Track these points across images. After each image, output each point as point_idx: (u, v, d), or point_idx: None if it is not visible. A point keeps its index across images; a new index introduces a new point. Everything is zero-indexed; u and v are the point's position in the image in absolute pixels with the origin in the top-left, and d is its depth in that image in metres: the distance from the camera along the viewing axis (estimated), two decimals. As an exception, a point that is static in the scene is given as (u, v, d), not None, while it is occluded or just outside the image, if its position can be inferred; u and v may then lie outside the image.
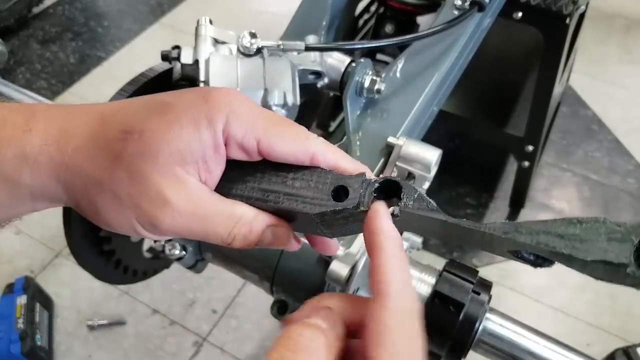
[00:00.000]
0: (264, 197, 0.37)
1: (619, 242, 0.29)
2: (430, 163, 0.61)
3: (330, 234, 0.39)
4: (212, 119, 0.34)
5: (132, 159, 0.33)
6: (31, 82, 2.08)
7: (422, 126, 0.76)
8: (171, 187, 0.33)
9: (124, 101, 0.37)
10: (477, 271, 0.59)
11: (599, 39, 2.25)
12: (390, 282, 0.31)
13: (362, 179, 0.35)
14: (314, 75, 0.66)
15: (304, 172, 0.37)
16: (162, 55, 0.63)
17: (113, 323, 1.42)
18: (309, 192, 0.36)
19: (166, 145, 0.33)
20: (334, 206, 0.35)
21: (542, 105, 1.42)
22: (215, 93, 0.35)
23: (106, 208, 0.34)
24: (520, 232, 0.32)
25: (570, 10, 1.20)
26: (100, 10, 2.45)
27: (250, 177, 0.37)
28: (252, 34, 0.61)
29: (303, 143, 0.36)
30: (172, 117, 0.34)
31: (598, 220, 0.30)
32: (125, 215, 0.34)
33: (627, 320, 1.45)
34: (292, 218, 0.37)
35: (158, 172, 0.33)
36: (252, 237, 0.36)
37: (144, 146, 0.33)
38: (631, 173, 1.79)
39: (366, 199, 0.35)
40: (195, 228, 0.35)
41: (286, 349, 0.31)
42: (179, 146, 0.33)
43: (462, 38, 0.79)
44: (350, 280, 0.51)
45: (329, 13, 0.84)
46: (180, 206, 0.34)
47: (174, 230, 0.35)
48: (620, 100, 2.02)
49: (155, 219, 0.34)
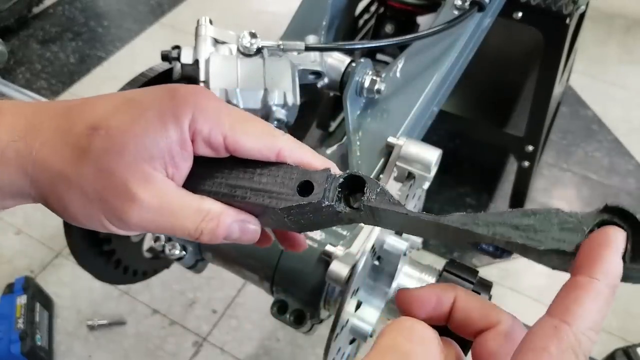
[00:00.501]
0: (231, 192, 0.37)
1: (571, 232, 0.30)
2: (430, 163, 0.61)
3: (298, 229, 0.39)
4: (179, 115, 0.34)
5: (99, 155, 0.33)
6: (31, 82, 2.08)
7: (422, 126, 0.76)
8: (138, 183, 0.33)
9: (92, 97, 0.37)
10: (477, 271, 0.59)
11: (599, 39, 2.25)
12: (581, 313, 0.27)
13: (327, 174, 0.36)
14: (314, 75, 0.66)
15: (271, 167, 0.37)
16: (162, 55, 0.63)
17: (113, 323, 1.42)
18: (275, 187, 0.36)
19: (133, 141, 0.33)
20: (299, 200, 0.35)
21: (542, 105, 1.42)
22: (182, 90, 0.36)
23: (74, 203, 0.34)
24: (477, 224, 0.32)
25: (570, 10, 1.20)
26: (100, 10, 2.45)
27: (218, 173, 0.38)
28: (252, 34, 0.61)
29: (269, 139, 0.37)
30: (139, 113, 0.34)
31: (551, 211, 0.31)
32: (92, 210, 0.34)
33: (627, 320, 1.45)
34: (259, 213, 0.38)
35: (125, 167, 0.33)
36: (219, 231, 0.36)
37: (111, 142, 0.33)
38: (631, 173, 1.79)
39: (331, 193, 0.35)
40: (162, 222, 0.35)
41: (401, 335, 0.30)
42: (146, 142, 0.33)
43: (462, 38, 0.79)
44: (350, 280, 0.51)
45: (329, 13, 0.84)
46: (147, 201, 0.34)
47: (142, 225, 0.35)
48: (621, 100, 2.02)
49: (123, 214, 0.34)
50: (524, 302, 1.47)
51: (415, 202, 0.68)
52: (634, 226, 0.29)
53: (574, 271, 0.28)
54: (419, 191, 0.66)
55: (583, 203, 1.71)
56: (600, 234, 0.28)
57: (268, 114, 0.59)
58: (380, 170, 0.66)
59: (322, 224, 0.38)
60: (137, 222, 0.34)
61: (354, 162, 0.66)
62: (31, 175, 0.34)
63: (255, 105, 0.58)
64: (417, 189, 0.64)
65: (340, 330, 0.53)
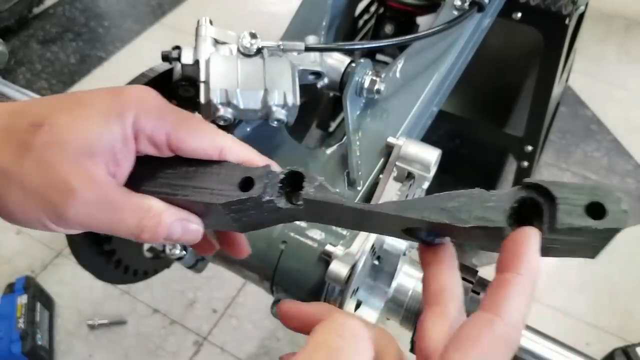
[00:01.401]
0: (173, 191, 0.37)
1: (494, 210, 0.32)
2: (430, 163, 0.61)
3: (241, 228, 0.40)
4: (122, 113, 0.35)
5: (41, 150, 0.33)
6: (32, 83, 2.08)
7: (422, 126, 0.76)
8: (78, 177, 0.33)
9: (37, 98, 0.37)
10: (476, 271, 0.60)
11: (599, 39, 2.26)
12: (511, 307, 0.30)
13: (267, 171, 0.37)
14: (314, 76, 0.66)
15: (213, 166, 0.38)
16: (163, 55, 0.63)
17: (113, 322, 1.43)
18: (217, 184, 0.37)
19: (75, 137, 0.33)
20: (240, 196, 0.36)
21: (541, 105, 1.43)
22: (126, 90, 0.36)
23: (13, 199, 0.34)
24: (408, 209, 0.34)
25: (569, 11, 1.20)
26: (101, 10, 2.45)
27: (161, 172, 0.38)
28: (252, 34, 0.61)
29: (212, 138, 0.37)
30: (83, 111, 0.34)
31: (474, 192, 0.33)
32: (31, 206, 0.34)
33: (626, 320, 1.45)
34: (202, 212, 0.38)
35: (66, 162, 0.33)
36: (161, 229, 0.36)
37: (53, 137, 0.33)
38: (630, 173, 1.79)
39: (270, 189, 0.36)
40: (102, 219, 0.35)
41: (332, 332, 0.31)
42: (88, 138, 0.34)
43: (462, 38, 0.79)
44: (350, 280, 0.52)
45: (329, 13, 0.84)
46: (86, 196, 0.33)
47: (81, 221, 0.34)
48: (620, 100, 2.03)
49: (61, 210, 0.33)
50: (523, 301, 1.48)
51: (415, 201, 0.68)
52: (549, 199, 0.31)
53: (500, 268, 0.31)
54: (419, 191, 0.66)
55: (582, 203, 1.71)
56: (520, 234, 0.30)
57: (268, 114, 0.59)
58: (380, 170, 0.66)
59: (266, 222, 0.38)
60: (76, 218, 0.34)
61: (353, 162, 0.66)
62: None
63: (256, 105, 0.58)
64: (417, 188, 0.64)
65: (340, 330, 0.54)
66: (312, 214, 0.38)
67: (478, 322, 0.30)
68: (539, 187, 0.31)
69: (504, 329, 0.29)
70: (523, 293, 0.30)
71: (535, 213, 0.31)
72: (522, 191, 0.32)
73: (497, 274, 0.31)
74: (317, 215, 0.38)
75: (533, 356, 0.58)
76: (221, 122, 0.58)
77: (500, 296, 0.30)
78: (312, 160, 0.70)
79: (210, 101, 0.57)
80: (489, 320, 0.29)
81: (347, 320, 0.32)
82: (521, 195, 0.32)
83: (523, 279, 0.30)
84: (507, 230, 0.31)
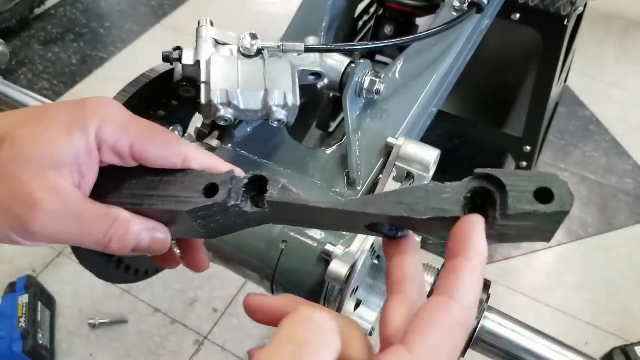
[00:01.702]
0: (139, 201, 0.38)
1: (448, 201, 0.33)
2: (429, 163, 0.62)
3: (209, 235, 0.40)
4: (85, 124, 0.35)
5: (4, 164, 0.33)
6: (33, 83, 2.09)
7: (421, 127, 0.77)
8: (42, 189, 0.33)
9: (3, 112, 0.37)
10: (475, 270, 0.60)
11: (597, 39, 2.26)
12: (463, 290, 0.31)
13: (230, 176, 0.37)
14: (314, 76, 0.66)
15: (178, 174, 0.38)
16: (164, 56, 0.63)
17: (115, 322, 1.43)
18: (182, 192, 0.37)
19: (39, 149, 0.34)
20: (205, 202, 0.36)
21: (540, 106, 1.43)
22: (89, 101, 0.36)
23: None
24: (368, 205, 0.35)
25: (568, 12, 1.21)
26: (102, 11, 2.45)
27: (126, 183, 0.39)
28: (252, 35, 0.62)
29: (175, 147, 0.38)
30: (46, 124, 0.35)
31: (429, 185, 0.34)
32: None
33: (625, 319, 1.45)
34: (169, 221, 0.39)
35: (30, 174, 0.33)
36: (129, 238, 0.37)
37: (17, 150, 0.34)
38: (629, 173, 1.80)
39: (235, 194, 0.37)
40: (69, 230, 0.35)
41: (298, 325, 0.31)
42: (52, 150, 0.34)
43: (461, 39, 0.80)
44: (349, 280, 0.52)
45: (328, 14, 0.84)
46: (52, 207, 0.34)
47: (47, 233, 0.34)
48: (618, 100, 2.03)
49: (27, 222, 0.33)
50: (522, 301, 1.48)
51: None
52: (500, 187, 0.32)
53: (450, 255, 0.33)
54: (418, 191, 0.67)
55: (581, 203, 1.72)
56: (465, 222, 0.32)
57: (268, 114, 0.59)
58: (379, 170, 0.67)
59: (234, 226, 0.39)
60: (42, 230, 0.34)
61: (353, 162, 0.67)
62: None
63: (256, 105, 0.59)
64: (416, 188, 0.65)
65: (340, 328, 0.54)
66: (278, 217, 0.38)
67: (434, 305, 0.31)
68: (491, 176, 0.33)
69: (458, 311, 0.31)
70: (473, 277, 0.32)
71: (488, 201, 0.33)
72: (475, 181, 0.34)
73: (447, 260, 0.33)
74: (283, 218, 0.39)
75: (533, 355, 0.58)
76: (222, 122, 0.58)
77: (453, 281, 0.31)
78: (312, 160, 0.70)
79: (210, 101, 0.57)
80: (443, 304, 0.31)
81: (314, 312, 0.32)
82: (473, 186, 0.34)
83: (472, 264, 0.32)
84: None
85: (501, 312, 0.60)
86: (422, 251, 1.57)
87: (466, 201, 0.33)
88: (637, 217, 1.68)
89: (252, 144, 0.71)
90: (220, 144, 0.72)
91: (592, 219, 1.67)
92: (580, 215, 1.68)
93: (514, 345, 0.58)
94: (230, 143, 0.71)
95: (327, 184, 0.67)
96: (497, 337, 0.58)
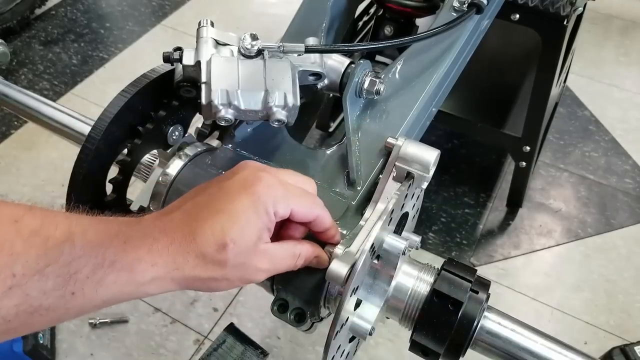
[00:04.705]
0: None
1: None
2: (429, 163, 0.62)
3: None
4: (266, 208, 0.50)
5: (236, 259, 0.49)
6: (34, 83, 2.09)
7: (421, 127, 0.77)
8: (261, 262, 0.51)
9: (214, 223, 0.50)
10: (475, 270, 0.60)
11: (597, 40, 2.27)
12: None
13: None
14: (314, 77, 0.66)
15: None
16: (164, 56, 0.63)
17: (115, 321, 1.44)
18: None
19: (250, 242, 0.50)
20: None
21: (539, 106, 1.43)
22: (259, 188, 0.50)
23: (222, 287, 0.50)
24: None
25: (567, 12, 1.21)
26: (103, 11, 2.46)
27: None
28: (253, 35, 0.62)
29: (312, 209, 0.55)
30: (242, 222, 0.49)
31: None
32: (232, 285, 0.51)
33: (625, 319, 1.46)
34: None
35: (250, 261, 0.50)
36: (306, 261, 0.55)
37: (239, 250, 0.49)
38: (628, 173, 1.80)
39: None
40: (272, 269, 0.53)
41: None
42: (255, 238, 0.50)
43: (461, 40, 0.80)
44: (349, 279, 0.52)
45: (328, 15, 0.85)
46: (265, 267, 0.52)
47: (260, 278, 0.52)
48: (618, 100, 2.03)
49: (252, 278, 0.51)
50: (521, 300, 1.49)
51: (414, 201, 0.69)
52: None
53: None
54: (418, 191, 0.67)
55: (581, 203, 1.72)
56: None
57: (269, 114, 0.60)
58: (379, 170, 0.67)
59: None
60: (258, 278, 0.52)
61: (353, 162, 0.67)
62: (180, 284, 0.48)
63: (256, 106, 0.59)
64: (416, 188, 0.65)
65: (340, 329, 0.54)
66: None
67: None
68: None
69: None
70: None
71: None
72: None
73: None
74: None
75: (532, 355, 0.58)
76: (222, 122, 0.59)
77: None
78: (312, 160, 0.71)
79: (211, 102, 0.58)
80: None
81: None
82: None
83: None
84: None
85: (501, 312, 0.60)
86: (422, 251, 1.57)
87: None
88: (636, 217, 1.68)
89: (252, 144, 0.72)
90: (220, 144, 0.72)
91: (591, 219, 1.67)
92: (580, 215, 1.68)
93: (514, 345, 0.58)
94: (230, 143, 0.71)
95: (327, 184, 0.67)
96: (497, 337, 0.59)
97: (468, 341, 0.57)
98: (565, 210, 1.69)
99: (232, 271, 0.48)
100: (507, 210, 1.70)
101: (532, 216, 1.68)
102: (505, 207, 1.71)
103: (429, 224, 1.66)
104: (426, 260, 0.64)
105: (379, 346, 1.40)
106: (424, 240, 1.61)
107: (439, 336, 0.57)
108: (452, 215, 1.68)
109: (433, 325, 0.57)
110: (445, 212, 1.69)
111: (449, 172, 1.78)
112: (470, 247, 1.61)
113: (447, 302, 0.57)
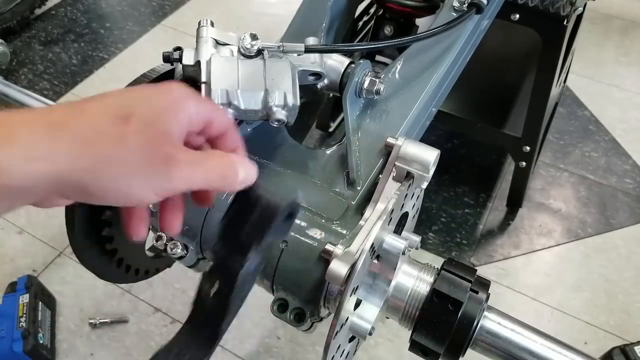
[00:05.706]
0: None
1: None
2: (429, 163, 0.62)
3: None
4: (182, 109, 0.43)
5: (138, 135, 0.40)
6: (34, 83, 2.09)
7: (421, 126, 0.77)
8: (176, 150, 0.41)
9: (116, 93, 0.43)
10: (475, 270, 0.60)
11: (597, 40, 2.27)
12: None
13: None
14: (314, 77, 0.67)
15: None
16: (164, 56, 0.63)
17: (115, 321, 1.43)
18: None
19: (161, 126, 0.42)
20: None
21: (539, 106, 1.43)
22: (174, 91, 0.44)
23: (120, 180, 0.39)
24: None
25: (567, 12, 1.21)
26: (103, 11, 2.46)
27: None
28: (252, 35, 0.62)
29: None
30: (159, 107, 0.42)
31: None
32: (137, 182, 0.40)
33: (625, 319, 1.46)
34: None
35: (162, 142, 0.40)
36: (247, 164, 0.47)
37: (144, 126, 0.41)
38: (628, 173, 1.80)
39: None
40: (199, 174, 0.43)
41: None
42: (169, 128, 0.42)
43: (461, 40, 0.80)
44: (349, 279, 0.52)
45: (328, 15, 0.85)
46: (186, 159, 0.41)
47: (184, 177, 0.41)
48: (618, 100, 2.03)
49: (169, 172, 0.40)
50: (521, 300, 1.48)
51: (414, 201, 0.69)
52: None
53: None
54: (418, 190, 0.67)
55: (580, 203, 1.72)
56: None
57: (268, 114, 0.60)
58: (379, 170, 0.67)
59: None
60: (180, 176, 0.40)
61: (353, 162, 0.67)
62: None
63: (256, 105, 0.59)
64: (416, 188, 0.65)
65: (340, 328, 0.54)
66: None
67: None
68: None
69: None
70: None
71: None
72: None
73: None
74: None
75: (532, 355, 0.58)
76: (222, 122, 0.59)
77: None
78: (312, 160, 0.71)
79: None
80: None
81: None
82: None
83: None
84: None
85: (501, 312, 0.60)
86: (422, 251, 1.57)
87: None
88: (636, 217, 1.68)
89: (252, 144, 0.72)
90: (220, 144, 0.72)
91: (591, 219, 1.67)
92: (580, 215, 1.68)
93: (514, 345, 0.58)
94: (230, 143, 0.71)
95: (327, 184, 0.67)
96: (497, 337, 0.59)
97: (468, 341, 0.58)
98: (565, 210, 1.69)
99: (135, 150, 0.39)
100: (507, 210, 1.70)
101: (532, 216, 1.68)
102: (505, 207, 1.71)
103: (429, 224, 1.66)
104: (426, 260, 0.64)
105: (378, 346, 1.40)
106: (424, 240, 1.61)
107: (439, 336, 0.57)
108: (452, 215, 1.68)
109: (433, 325, 0.57)
110: (445, 212, 1.69)
111: (449, 172, 1.77)
112: (470, 247, 1.61)
113: (447, 302, 0.57)
